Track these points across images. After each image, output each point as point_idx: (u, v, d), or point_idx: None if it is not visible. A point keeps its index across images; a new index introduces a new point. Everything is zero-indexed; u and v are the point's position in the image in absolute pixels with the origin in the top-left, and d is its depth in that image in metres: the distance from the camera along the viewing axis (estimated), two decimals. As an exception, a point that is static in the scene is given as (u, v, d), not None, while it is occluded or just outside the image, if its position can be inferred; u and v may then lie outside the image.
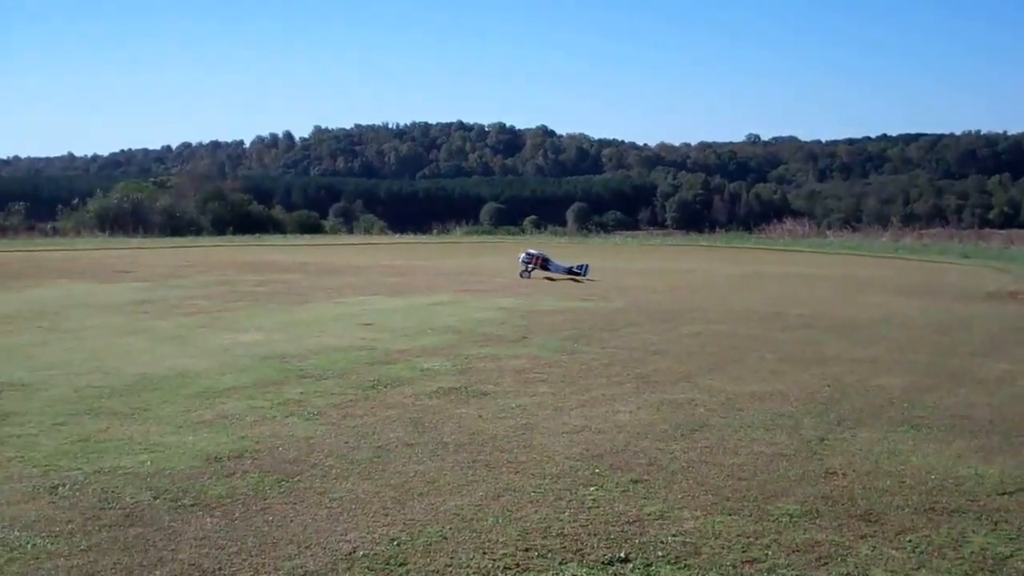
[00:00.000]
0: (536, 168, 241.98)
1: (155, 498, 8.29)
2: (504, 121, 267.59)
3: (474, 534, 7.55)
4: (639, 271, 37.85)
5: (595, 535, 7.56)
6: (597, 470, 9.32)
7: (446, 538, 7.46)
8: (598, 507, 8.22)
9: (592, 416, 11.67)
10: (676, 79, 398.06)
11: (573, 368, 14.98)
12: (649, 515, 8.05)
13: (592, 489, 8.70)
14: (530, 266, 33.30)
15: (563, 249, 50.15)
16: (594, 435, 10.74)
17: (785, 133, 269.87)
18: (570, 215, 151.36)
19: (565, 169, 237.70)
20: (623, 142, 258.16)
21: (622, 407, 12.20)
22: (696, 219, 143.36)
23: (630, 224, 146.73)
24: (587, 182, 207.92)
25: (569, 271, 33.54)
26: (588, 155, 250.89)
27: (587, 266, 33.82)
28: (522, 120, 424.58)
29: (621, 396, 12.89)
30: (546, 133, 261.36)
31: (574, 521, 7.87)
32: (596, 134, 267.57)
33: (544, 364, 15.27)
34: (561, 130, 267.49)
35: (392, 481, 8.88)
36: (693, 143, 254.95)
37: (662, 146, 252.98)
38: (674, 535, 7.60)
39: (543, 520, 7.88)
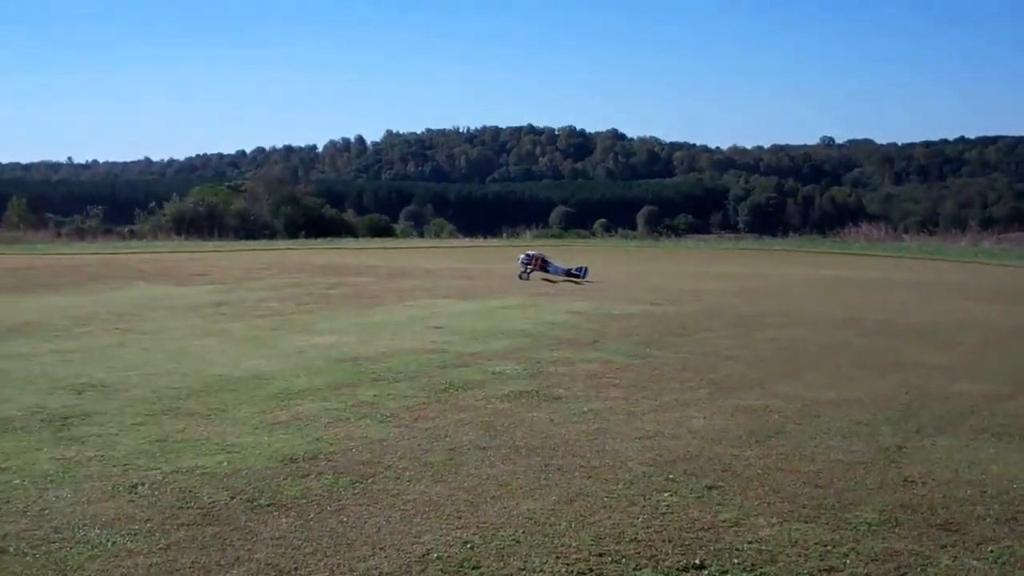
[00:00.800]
0: (606, 171, 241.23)
1: (232, 498, 8.38)
2: (574, 125, 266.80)
3: (547, 538, 7.55)
4: (711, 275, 37.56)
5: (669, 541, 7.53)
6: (671, 476, 9.28)
7: (519, 542, 7.47)
8: (672, 513, 8.18)
9: (665, 421, 11.62)
10: (749, 81, 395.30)
11: (645, 373, 14.92)
12: (724, 522, 8.00)
13: (666, 495, 8.66)
14: (529, 267, 33.20)
15: (634, 253, 49.98)
16: (667, 440, 10.69)
17: (860, 136, 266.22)
18: (640, 218, 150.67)
19: (635, 172, 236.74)
20: (694, 145, 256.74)
21: (696, 412, 12.14)
22: (769, 223, 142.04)
23: (701, 228, 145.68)
24: (658, 185, 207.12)
25: (568, 273, 33.33)
26: (659, 158, 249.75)
27: (586, 268, 33.58)
28: (592, 124, 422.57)
29: (694, 401, 12.82)
30: (616, 136, 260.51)
31: (648, 527, 7.84)
32: (667, 137, 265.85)
33: (616, 368, 15.23)
34: (631, 133, 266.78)
35: (465, 484, 8.91)
36: (766, 146, 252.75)
37: (734, 149, 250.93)
38: (750, 542, 7.55)
39: (616, 525, 7.86)
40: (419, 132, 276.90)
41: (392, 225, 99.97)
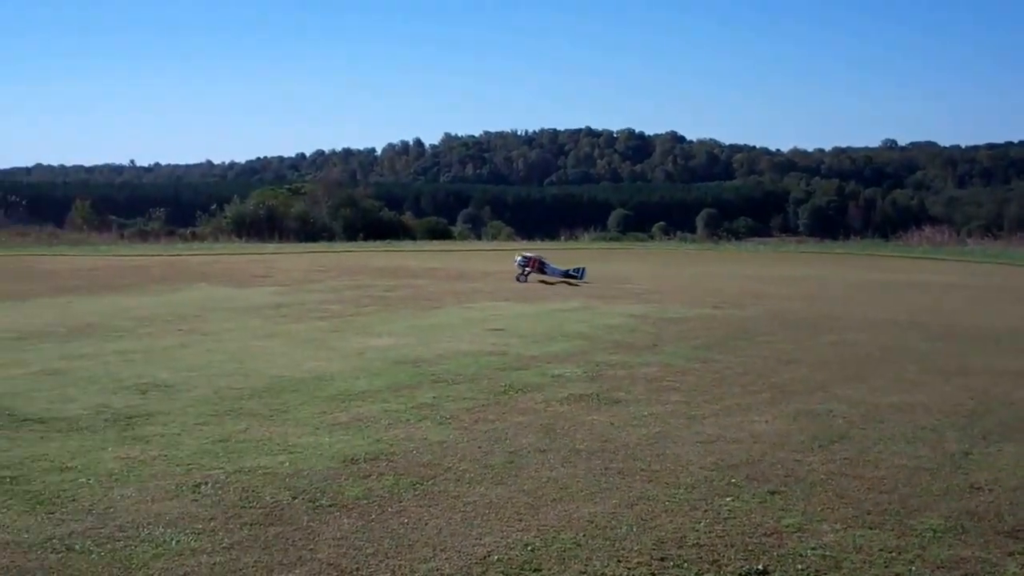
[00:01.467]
0: (665, 174, 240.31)
1: (294, 498, 8.43)
2: (633, 127, 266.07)
3: (608, 542, 7.52)
4: (772, 278, 37.29)
5: (732, 546, 7.48)
6: (733, 480, 9.21)
7: (580, 545, 7.45)
8: (734, 518, 8.12)
9: (727, 425, 11.54)
10: (811, 83, 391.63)
11: (706, 376, 14.84)
12: (787, 527, 7.93)
13: (728, 500, 8.60)
14: (527, 269, 33.11)
15: (693, 256, 49.75)
16: (729, 445, 10.62)
17: (923, 138, 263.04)
18: (700, 221, 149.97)
19: (695, 175, 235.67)
20: (755, 147, 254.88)
21: (757, 417, 12.05)
22: (830, 226, 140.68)
23: (762, 231, 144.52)
24: (717, 188, 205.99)
25: (566, 274, 33.12)
26: (719, 160, 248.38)
27: (584, 269, 33.41)
28: (651, 126, 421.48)
29: (756, 406, 12.73)
30: (676, 139, 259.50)
31: (710, 532, 7.79)
32: (727, 139, 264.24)
33: (676, 372, 15.16)
34: (691, 136, 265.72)
35: (525, 487, 8.90)
36: (827, 148, 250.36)
37: (795, 151, 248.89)
38: (813, 548, 7.48)
39: (678, 530, 7.82)
40: (477, 135, 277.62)
41: (450, 228, 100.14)
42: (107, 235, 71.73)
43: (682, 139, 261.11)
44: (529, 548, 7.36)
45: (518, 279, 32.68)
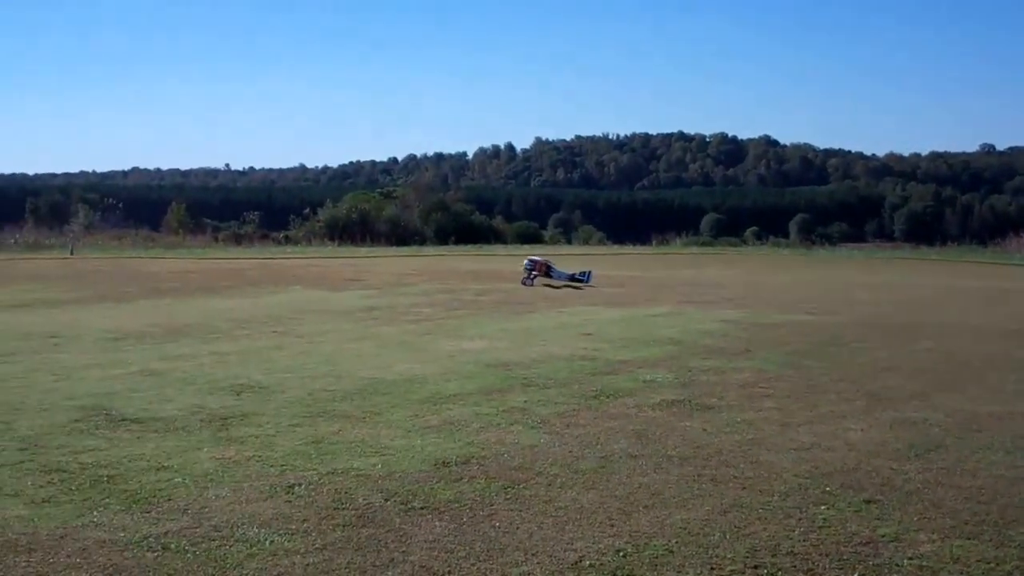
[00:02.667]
0: (758, 178, 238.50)
1: (386, 500, 8.46)
2: (726, 131, 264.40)
3: (701, 549, 7.44)
4: (866, 284, 36.81)
5: (827, 555, 7.36)
6: (828, 489, 9.07)
7: (672, 552, 7.38)
8: (829, 527, 7.99)
9: (821, 433, 11.37)
10: (907, 87, 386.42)
11: (800, 383, 14.65)
12: (883, 537, 7.79)
13: (823, 508, 8.47)
14: (533, 273, 32.97)
15: (787, 261, 49.23)
16: (823, 453, 10.46)
17: (1022, 143, 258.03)
18: (793, 226, 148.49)
19: (788, 179, 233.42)
20: (849, 152, 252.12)
21: (852, 424, 11.85)
22: (926, 232, 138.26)
23: (856, 236, 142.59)
24: (811, 192, 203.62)
25: (572, 278, 33.06)
26: (813, 165, 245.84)
27: (590, 273, 33.42)
28: (744, 130, 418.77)
29: (851, 413, 12.53)
30: (769, 143, 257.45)
31: (805, 540, 7.67)
32: (821, 144, 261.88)
33: (770, 378, 14.99)
34: (784, 140, 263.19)
35: (617, 492, 8.84)
36: (924, 153, 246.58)
37: (890, 156, 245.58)
38: (910, 558, 7.34)
39: (772, 538, 7.72)
40: (568, 139, 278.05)
41: (541, 232, 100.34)
42: (202, 238, 73.04)
43: (775, 143, 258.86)
44: (621, 554, 7.31)
45: (524, 283, 32.66)
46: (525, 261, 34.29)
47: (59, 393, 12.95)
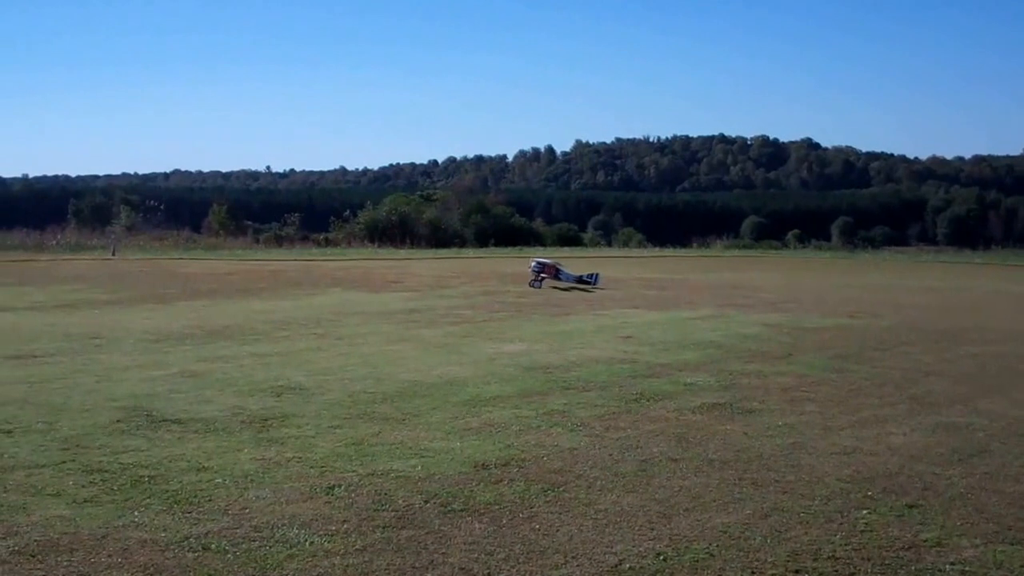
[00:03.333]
0: (800, 181, 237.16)
1: (426, 502, 8.46)
2: (767, 134, 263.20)
3: (741, 553, 7.40)
4: (909, 288, 36.54)
5: (868, 560, 7.30)
6: (869, 493, 9.00)
7: (713, 555, 7.34)
8: (871, 531, 7.93)
9: (863, 437, 11.29)
10: (950, 89, 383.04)
11: (842, 387, 14.55)
12: (925, 542, 7.71)
13: (864, 512, 8.41)
14: (542, 275, 32.95)
15: (828, 264, 48.93)
16: (866, 457, 10.38)
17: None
18: (835, 230, 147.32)
19: (830, 182, 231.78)
20: (892, 155, 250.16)
21: (895, 429, 11.76)
22: (970, 235, 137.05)
23: (898, 240, 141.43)
24: (853, 196, 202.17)
25: (579, 280, 33.15)
26: (854, 168, 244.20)
27: (597, 275, 33.46)
28: (786, 132, 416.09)
29: (893, 417, 12.44)
30: (811, 145, 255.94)
31: (846, 544, 7.61)
32: (863, 147, 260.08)
33: (812, 382, 14.90)
34: (826, 143, 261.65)
35: (657, 495, 8.81)
36: (967, 156, 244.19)
37: (933, 159, 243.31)
38: (952, 563, 7.27)
39: (813, 542, 7.66)
40: (609, 142, 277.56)
41: (581, 234, 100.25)
42: (242, 240, 73.39)
43: (817, 146, 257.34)
44: (661, 557, 7.28)
45: (532, 285, 32.64)
46: (532, 263, 34.32)
47: (101, 394, 13.04)
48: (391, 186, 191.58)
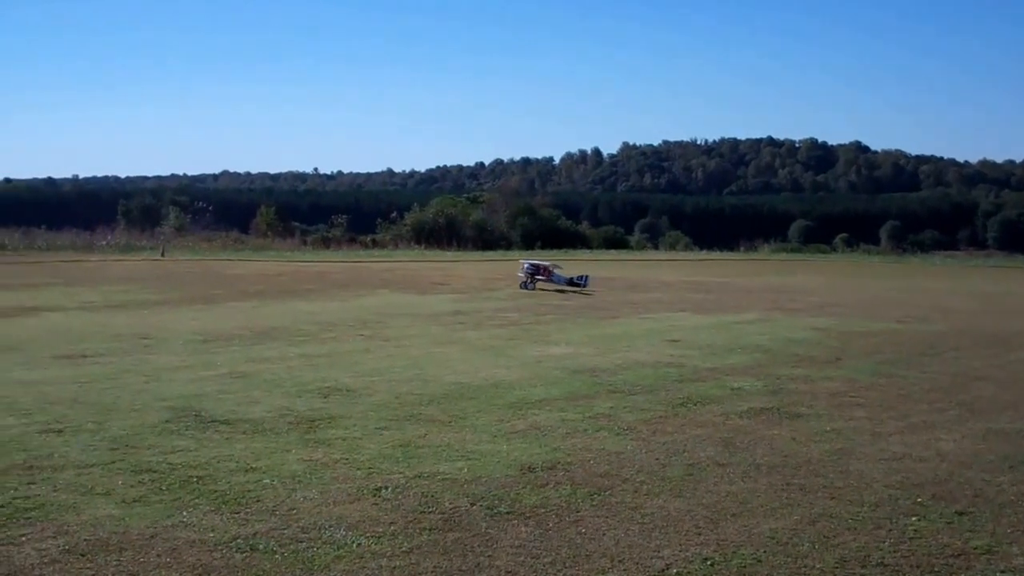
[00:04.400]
0: (848, 185, 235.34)
1: (472, 504, 8.47)
2: (816, 137, 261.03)
3: (789, 559, 7.35)
4: (959, 292, 36.19)
5: (917, 567, 7.24)
6: (919, 500, 8.92)
7: (760, 561, 7.30)
8: (920, 538, 7.86)
9: (912, 443, 11.19)
10: (1002, 92, 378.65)
11: (891, 392, 14.43)
12: (975, 549, 7.64)
13: (913, 519, 8.33)
14: (538, 276, 33.06)
15: (877, 269, 48.52)
16: (915, 463, 10.29)
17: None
18: (884, 233, 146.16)
19: (879, 186, 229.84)
20: (942, 158, 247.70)
21: (945, 435, 11.65)
22: (1021, 239, 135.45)
23: (948, 244, 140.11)
24: (902, 199, 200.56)
25: (571, 282, 33.27)
26: (904, 171, 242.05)
27: (587, 277, 33.65)
28: (834, 135, 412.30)
29: (943, 423, 12.31)
30: (860, 149, 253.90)
31: (895, 551, 7.55)
32: (913, 150, 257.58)
33: (860, 387, 14.78)
34: (876, 146, 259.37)
35: (704, 500, 8.77)
36: (1019, 159, 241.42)
37: (984, 163, 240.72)
38: (1002, 571, 7.20)
39: (862, 548, 7.60)
40: (656, 144, 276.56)
41: (627, 237, 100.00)
42: (290, 241, 73.82)
43: (866, 149, 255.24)
44: (708, 562, 7.24)
45: (524, 286, 32.75)
46: (524, 264, 34.38)
47: (150, 394, 13.16)
48: (438, 188, 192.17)
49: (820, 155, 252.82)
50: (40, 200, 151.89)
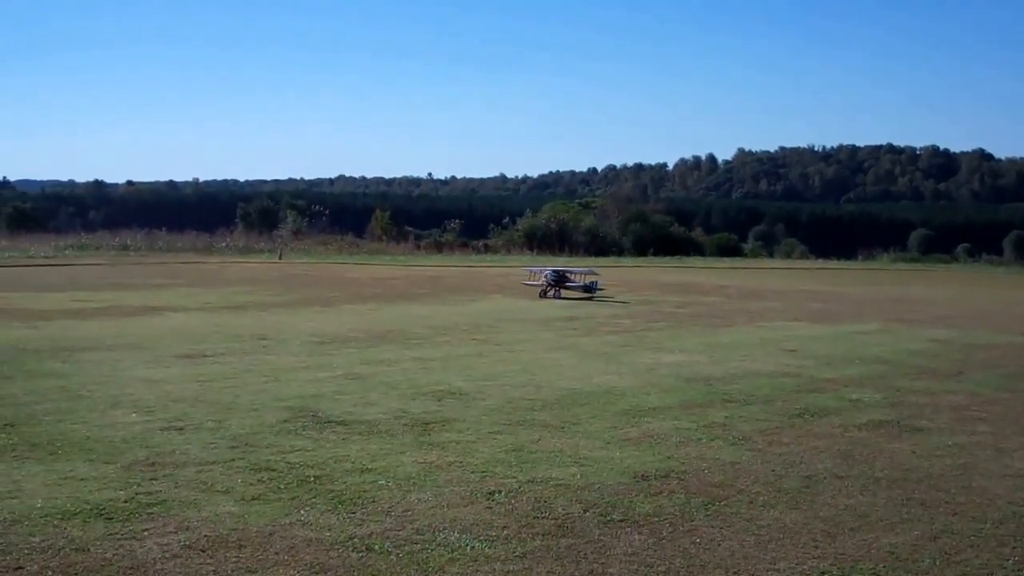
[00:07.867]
0: (971, 193, 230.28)
1: (585, 511, 8.43)
2: (937, 144, 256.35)
3: (910, 575, 7.19)
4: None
5: (1044, 588, 7.04)
6: (1045, 518, 8.67)
7: (879, 576, 7.16)
8: (1046, 557, 7.64)
9: (1038, 459, 10.89)
10: None
11: (1016, 407, 14.06)
12: (1105, 571, 7.40)
13: (1039, 538, 8.10)
14: (558, 285, 32.53)
15: (1001, 280, 47.41)
16: (1041, 480, 10.01)
17: None
18: (1008, 244, 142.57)
19: (1003, 195, 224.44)
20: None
21: (1072, 452, 11.31)
22: None
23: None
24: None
25: (585, 288, 32.75)
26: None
27: (596, 282, 33.25)
28: (957, 143, 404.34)
29: (1071, 440, 11.96)
30: (983, 156, 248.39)
31: (1019, 570, 7.35)
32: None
33: (983, 401, 14.43)
34: (1000, 153, 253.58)
35: (821, 513, 8.62)
36: None
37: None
38: None
39: (984, 566, 7.41)
40: (772, 150, 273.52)
41: (741, 244, 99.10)
42: (404, 245, 74.55)
43: (990, 157, 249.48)
44: (825, 577, 7.12)
45: (546, 295, 32.32)
46: (547, 272, 33.96)
47: (268, 394, 13.37)
48: (550, 193, 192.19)
49: (942, 163, 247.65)
50: (162, 202, 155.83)
